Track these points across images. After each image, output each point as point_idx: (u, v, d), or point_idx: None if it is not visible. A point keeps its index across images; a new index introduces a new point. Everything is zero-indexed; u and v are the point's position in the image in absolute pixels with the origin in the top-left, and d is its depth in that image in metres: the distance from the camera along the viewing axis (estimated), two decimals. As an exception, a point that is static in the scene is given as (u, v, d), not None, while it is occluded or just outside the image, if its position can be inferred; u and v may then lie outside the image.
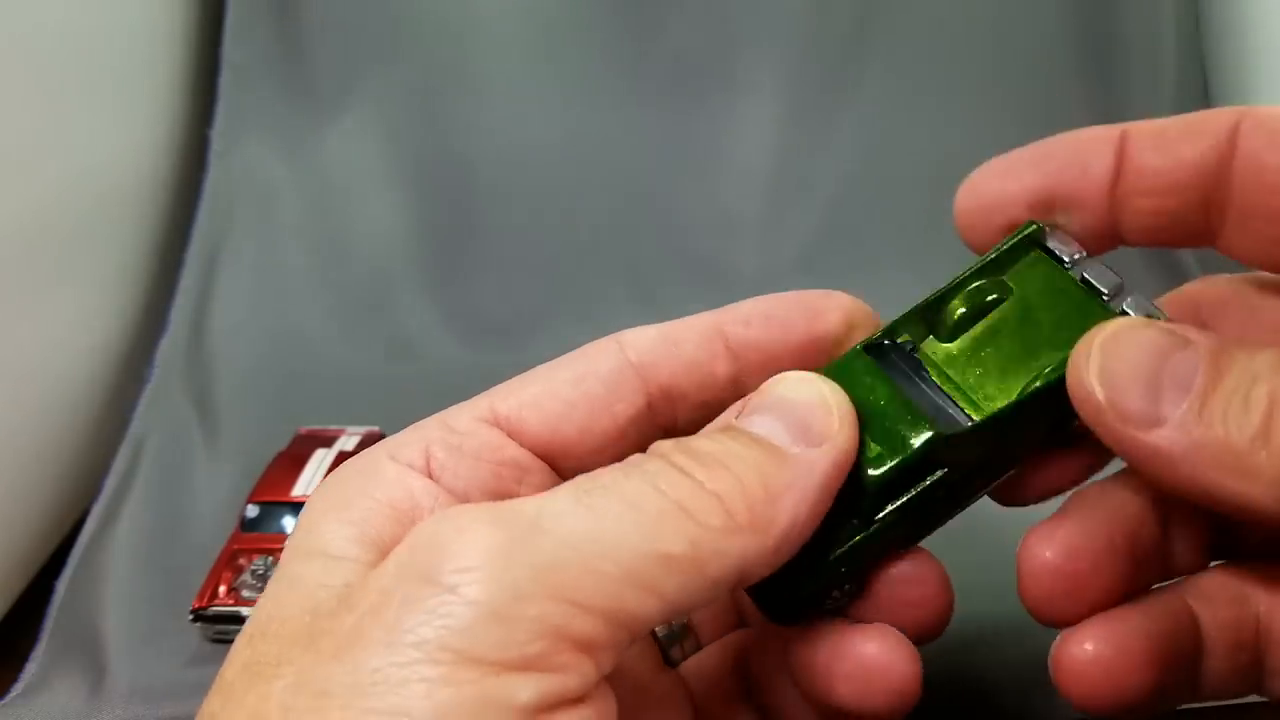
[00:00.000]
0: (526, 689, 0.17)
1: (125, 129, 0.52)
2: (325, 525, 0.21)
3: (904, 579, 0.23)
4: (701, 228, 0.60)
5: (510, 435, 0.23)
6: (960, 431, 0.22)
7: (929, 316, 0.24)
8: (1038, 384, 0.22)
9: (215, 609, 0.38)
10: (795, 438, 0.21)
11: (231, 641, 0.38)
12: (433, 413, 0.24)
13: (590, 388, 0.23)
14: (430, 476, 0.22)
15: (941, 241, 0.61)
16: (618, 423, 0.23)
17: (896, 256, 0.59)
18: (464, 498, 0.22)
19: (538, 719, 0.17)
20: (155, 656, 0.38)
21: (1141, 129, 0.23)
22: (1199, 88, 0.62)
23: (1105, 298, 0.23)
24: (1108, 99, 0.61)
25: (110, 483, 0.45)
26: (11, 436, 0.42)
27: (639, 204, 0.59)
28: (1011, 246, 0.24)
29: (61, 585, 0.40)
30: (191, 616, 0.38)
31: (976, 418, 0.22)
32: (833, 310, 0.25)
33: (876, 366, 0.23)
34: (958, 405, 0.23)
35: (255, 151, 0.57)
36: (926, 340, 0.24)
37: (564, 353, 0.25)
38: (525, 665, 0.17)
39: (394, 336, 0.56)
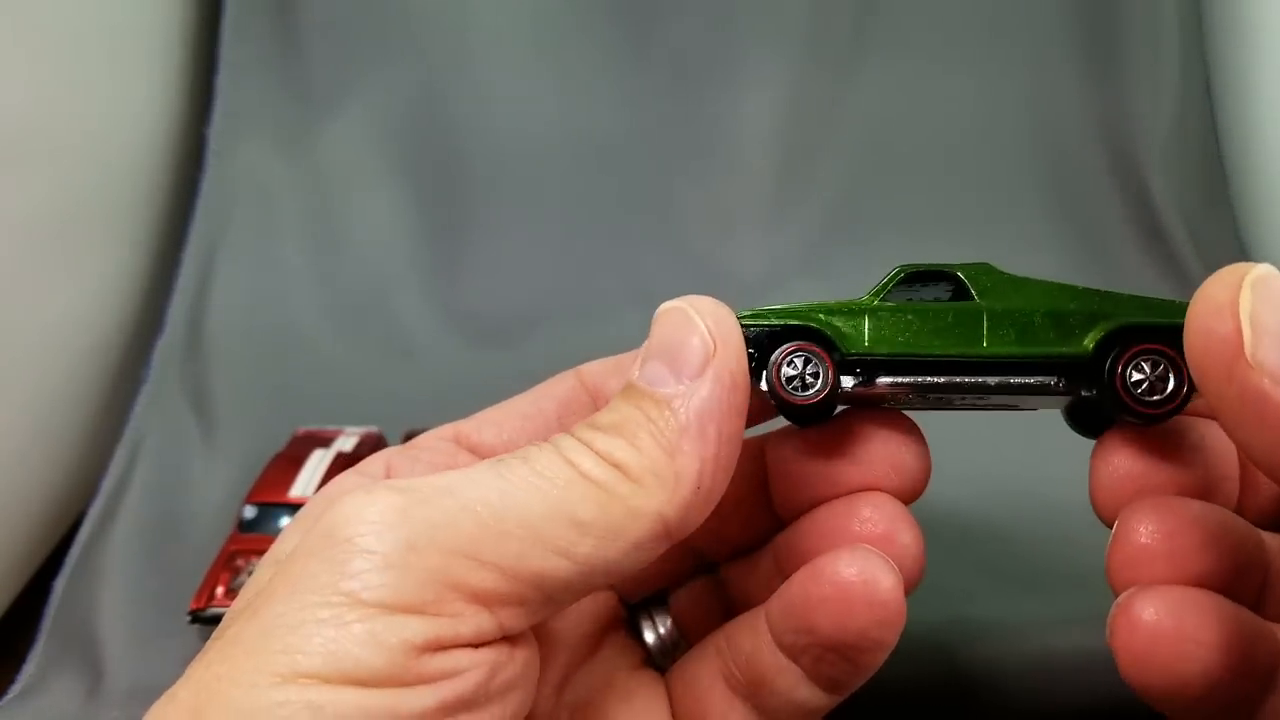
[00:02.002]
0: (415, 627, 0.18)
1: (122, 128, 0.52)
2: (289, 537, 0.22)
3: (889, 438, 0.23)
4: (702, 227, 0.60)
5: (469, 450, 0.25)
6: (994, 273, 0.22)
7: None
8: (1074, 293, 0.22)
9: (213, 610, 0.38)
10: (677, 375, 0.21)
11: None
12: (431, 413, 0.25)
13: (545, 405, 0.26)
14: None
15: (942, 241, 0.62)
16: None
17: (896, 256, 0.59)
18: None
19: (424, 655, 0.18)
20: (153, 657, 0.38)
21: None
22: (1200, 87, 0.62)
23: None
24: (1109, 99, 0.61)
25: (108, 483, 0.45)
26: (9, 437, 0.42)
27: (639, 204, 0.59)
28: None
29: (59, 585, 0.40)
30: (189, 617, 0.38)
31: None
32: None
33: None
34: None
35: (253, 151, 0.57)
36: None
37: (563, 353, 0.27)
38: (415, 609, 0.18)
39: (392, 336, 0.56)
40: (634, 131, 0.59)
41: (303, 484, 0.42)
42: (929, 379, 0.21)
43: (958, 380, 0.21)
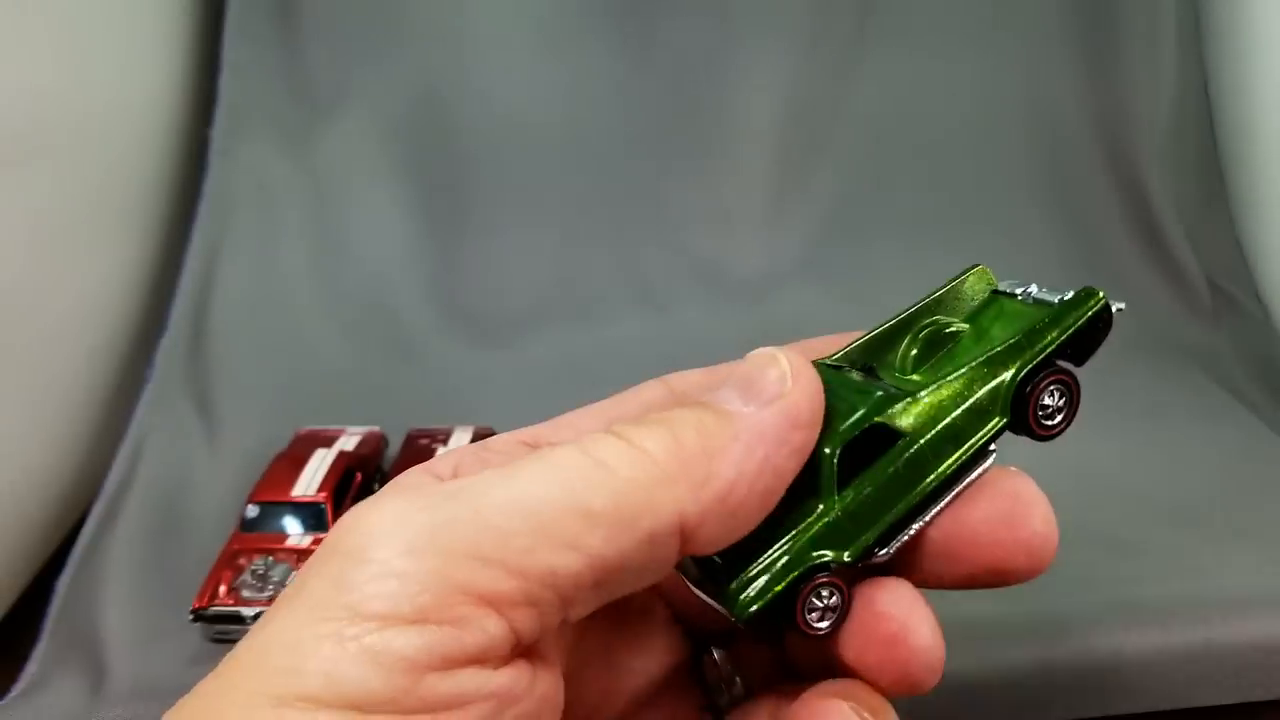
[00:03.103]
0: (414, 640, 0.17)
1: (126, 129, 0.52)
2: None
3: (878, 607, 0.21)
4: (702, 227, 0.60)
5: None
6: (910, 392, 0.22)
7: (877, 351, 0.25)
8: (991, 350, 0.23)
9: (215, 609, 0.38)
10: (746, 400, 0.20)
11: (231, 641, 0.38)
12: (432, 413, 0.25)
13: (629, 409, 0.24)
14: None
15: (941, 241, 0.62)
16: None
17: (895, 255, 0.59)
18: None
19: (428, 675, 0.17)
20: (155, 656, 0.38)
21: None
22: (1198, 85, 0.62)
23: (1056, 305, 0.24)
24: (1106, 98, 0.61)
25: (111, 482, 0.45)
26: (13, 436, 0.42)
27: (640, 204, 0.60)
28: (957, 288, 0.25)
29: (62, 585, 0.41)
30: (191, 616, 0.38)
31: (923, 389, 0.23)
32: None
33: (834, 367, 0.24)
34: (903, 391, 0.23)
35: (255, 151, 0.57)
36: (884, 370, 0.25)
37: (564, 353, 0.26)
38: (417, 618, 0.17)
39: (393, 336, 0.56)
40: (634, 131, 0.59)
41: (304, 483, 0.42)
42: (909, 529, 0.22)
43: (929, 511, 0.22)
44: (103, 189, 0.50)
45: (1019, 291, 0.25)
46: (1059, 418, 0.23)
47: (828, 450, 0.21)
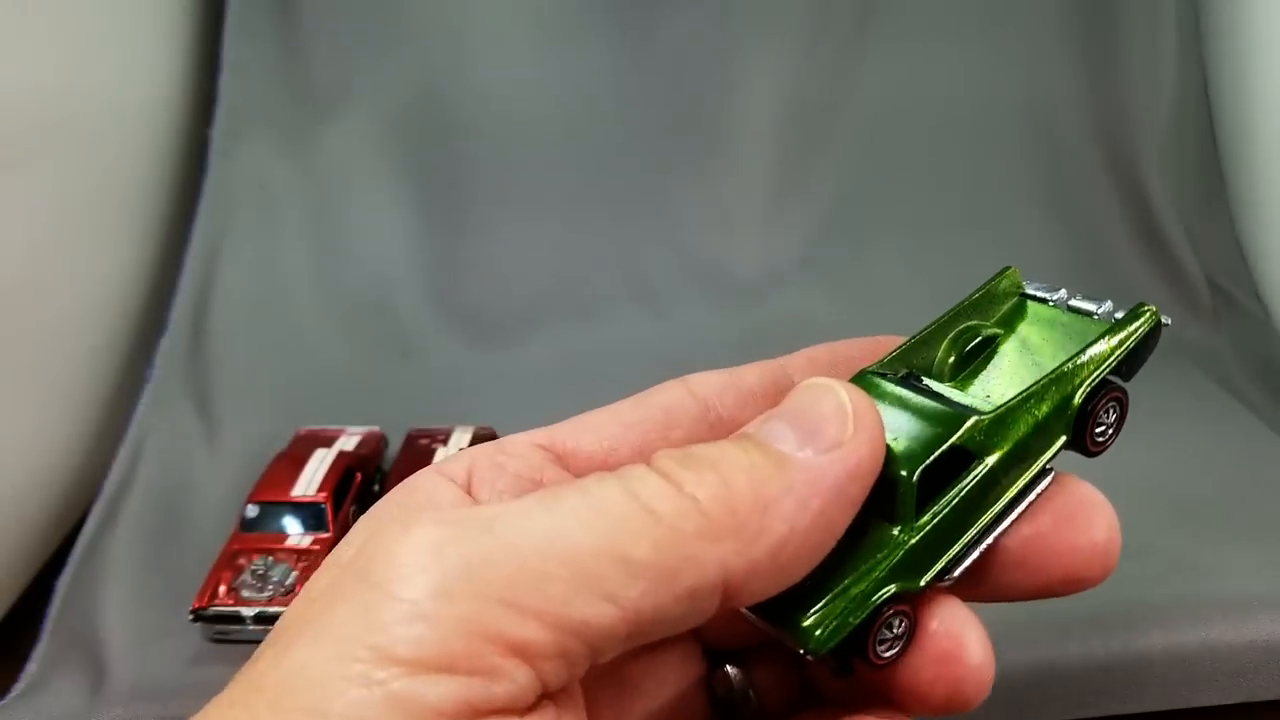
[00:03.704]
0: (443, 690, 0.16)
1: (126, 129, 0.52)
2: (350, 535, 0.21)
3: (932, 626, 0.21)
4: (702, 227, 0.60)
5: (564, 459, 0.23)
6: (991, 413, 0.22)
7: (914, 357, 0.24)
8: (1051, 368, 0.22)
9: (215, 609, 0.38)
10: (803, 442, 0.19)
11: (231, 641, 0.38)
12: (432, 413, 0.25)
13: (650, 413, 0.23)
14: (469, 492, 0.22)
15: (942, 241, 0.62)
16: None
17: (894, 255, 0.59)
18: None
19: None
20: (155, 656, 0.38)
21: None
22: (1198, 86, 0.62)
23: (1096, 316, 0.24)
24: (1107, 99, 0.61)
25: (110, 482, 0.45)
26: (12, 436, 0.42)
27: (640, 203, 0.60)
28: (990, 291, 0.25)
29: (62, 585, 0.40)
30: (191, 616, 0.38)
31: (994, 408, 0.22)
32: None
33: (888, 379, 0.23)
34: (973, 408, 0.22)
35: (256, 151, 0.57)
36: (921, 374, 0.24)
37: (564, 353, 0.25)
38: (446, 666, 0.16)
39: (394, 336, 0.56)
40: (634, 131, 0.59)
41: (304, 483, 0.42)
42: (978, 549, 0.22)
43: (996, 530, 0.22)
44: (103, 189, 0.50)
45: (1050, 297, 0.24)
46: (1111, 433, 0.23)
47: (905, 473, 0.20)
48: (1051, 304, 0.24)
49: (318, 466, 0.43)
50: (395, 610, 0.16)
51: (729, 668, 0.24)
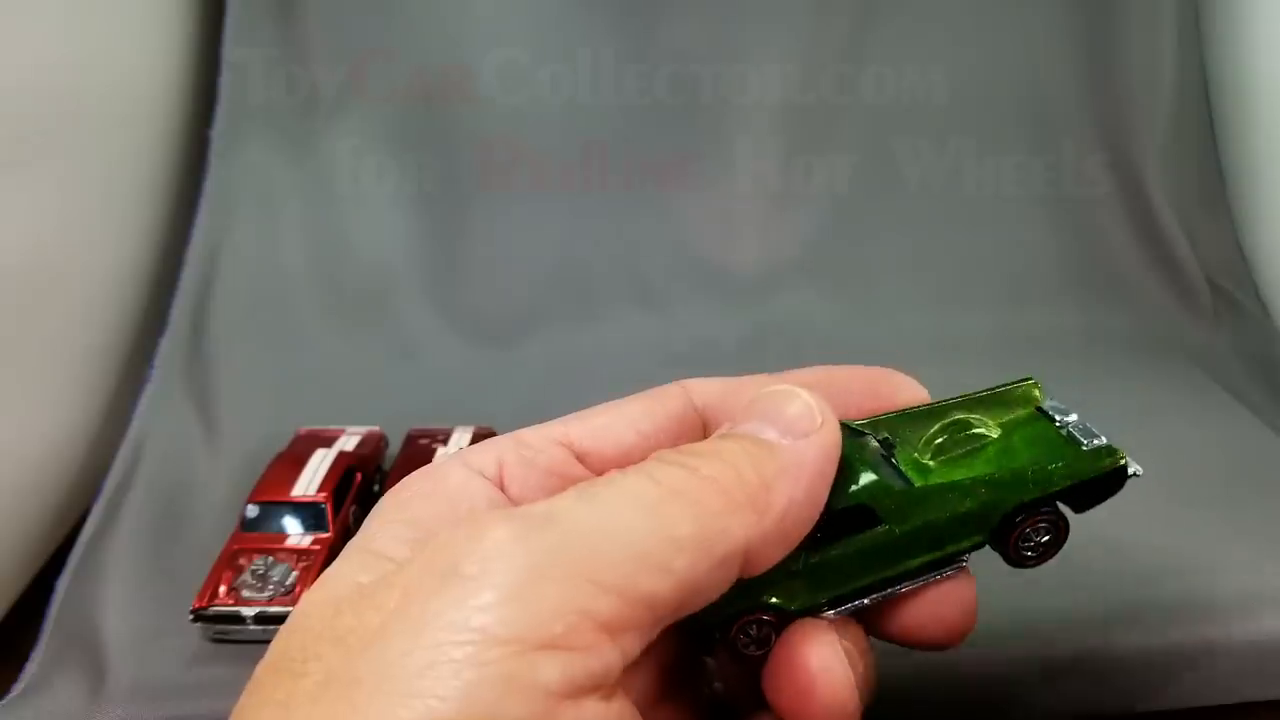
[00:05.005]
0: (551, 667, 0.17)
1: (126, 129, 0.52)
2: (379, 524, 0.22)
3: (797, 658, 0.23)
4: (702, 226, 0.60)
5: (580, 456, 0.24)
6: (900, 487, 0.23)
7: (905, 427, 0.25)
8: (992, 473, 0.24)
9: (215, 609, 0.38)
10: (782, 433, 0.22)
11: (231, 641, 0.38)
12: (432, 412, 0.25)
13: (660, 423, 0.25)
14: (500, 486, 0.23)
15: (942, 242, 0.62)
16: None
17: (894, 256, 0.59)
18: None
19: (564, 704, 0.17)
20: (155, 656, 0.38)
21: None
22: (1198, 87, 0.62)
23: (1084, 446, 0.24)
24: (1107, 100, 0.61)
25: (111, 482, 0.45)
26: (13, 436, 0.42)
27: (640, 203, 0.60)
28: (1006, 394, 0.26)
29: (62, 585, 0.40)
30: (191, 616, 0.38)
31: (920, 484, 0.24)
32: (894, 390, 0.26)
33: (856, 432, 0.24)
34: (909, 480, 0.24)
35: (256, 151, 0.57)
36: (903, 446, 0.25)
37: (564, 353, 0.26)
38: (549, 644, 0.17)
39: (394, 336, 0.56)
40: (634, 131, 0.59)
41: (304, 483, 0.42)
42: (861, 601, 0.24)
43: (885, 591, 0.24)
44: (103, 189, 0.50)
45: (1059, 419, 0.25)
46: (1038, 554, 0.24)
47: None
48: (1056, 425, 0.25)
49: (318, 466, 0.43)
50: (492, 597, 0.17)
51: (706, 659, 0.26)
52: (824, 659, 0.23)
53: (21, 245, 0.43)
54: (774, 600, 0.23)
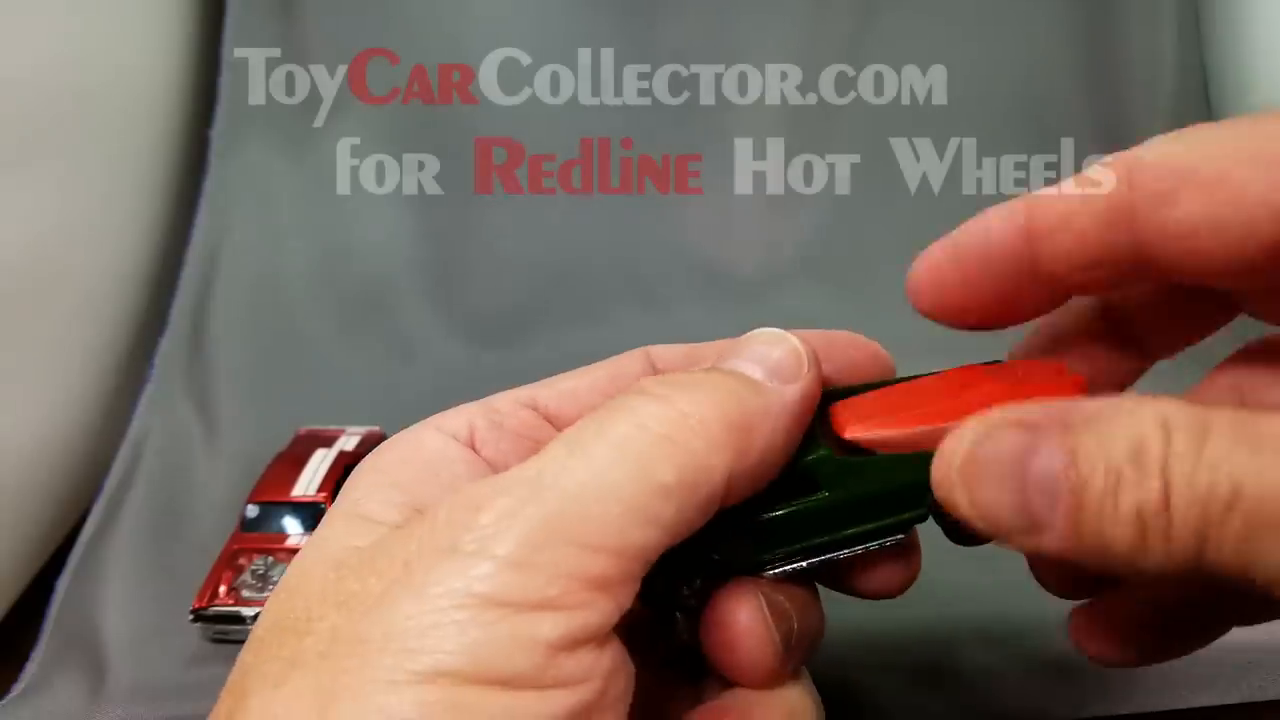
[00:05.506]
0: (550, 624, 0.18)
1: (126, 129, 0.52)
2: (363, 490, 0.22)
3: (721, 615, 0.23)
4: (702, 226, 0.60)
5: (548, 419, 0.25)
6: (843, 457, 0.23)
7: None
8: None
9: (215, 609, 0.38)
10: (769, 376, 0.22)
11: (231, 641, 0.38)
12: (432, 413, 0.25)
13: (624, 386, 0.25)
14: (473, 448, 0.24)
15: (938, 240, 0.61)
16: None
17: (894, 256, 0.59)
18: (502, 469, 0.23)
19: (561, 655, 0.18)
20: (155, 656, 0.38)
21: (1044, 208, 0.24)
22: (1198, 89, 0.62)
23: None
24: (1106, 101, 0.61)
25: (110, 483, 0.45)
26: (12, 436, 0.42)
27: (640, 203, 0.60)
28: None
29: (62, 585, 0.41)
30: (191, 616, 0.38)
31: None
32: (859, 358, 0.26)
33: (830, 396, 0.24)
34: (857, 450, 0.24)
35: (256, 151, 0.57)
36: None
37: (564, 353, 0.26)
38: (547, 605, 0.18)
39: (394, 336, 0.56)
40: (634, 130, 0.59)
41: (305, 483, 0.42)
42: (799, 564, 0.24)
43: (823, 557, 0.24)
44: (103, 189, 0.50)
45: None
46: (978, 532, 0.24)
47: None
48: None
49: (318, 466, 0.43)
50: (490, 568, 0.18)
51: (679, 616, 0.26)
52: (750, 619, 0.23)
53: (21, 244, 0.43)
54: (716, 556, 0.23)
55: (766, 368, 0.22)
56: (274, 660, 0.19)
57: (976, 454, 0.20)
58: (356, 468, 0.24)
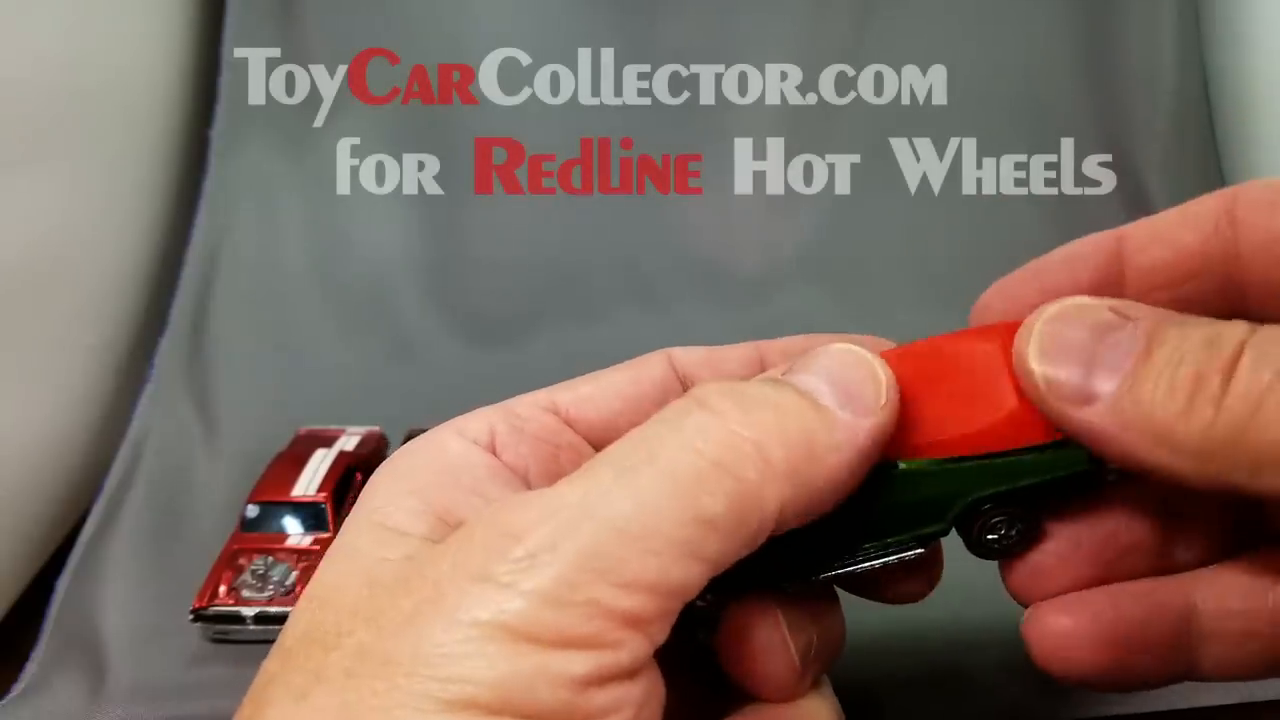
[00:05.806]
0: (581, 662, 0.18)
1: (126, 129, 0.52)
2: (386, 497, 0.22)
3: (738, 629, 0.23)
4: (702, 226, 0.60)
5: (568, 423, 0.25)
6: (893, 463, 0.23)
7: None
8: (959, 460, 0.23)
9: (215, 609, 0.38)
10: (842, 403, 0.21)
11: (231, 641, 0.38)
12: (432, 413, 0.25)
13: (644, 389, 0.25)
14: (494, 453, 0.23)
15: (941, 243, 0.62)
16: None
17: (894, 256, 0.59)
18: (523, 474, 0.23)
19: (589, 690, 0.18)
20: (155, 656, 0.38)
21: (1137, 227, 0.23)
22: (1198, 90, 0.62)
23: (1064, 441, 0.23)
24: (1106, 103, 0.61)
25: (110, 483, 0.45)
26: (12, 435, 0.42)
27: (641, 203, 0.60)
28: None
29: (62, 585, 0.41)
30: (191, 616, 0.38)
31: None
32: None
33: None
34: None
35: (256, 151, 0.57)
36: None
37: (564, 353, 0.26)
38: (580, 643, 0.18)
39: (394, 336, 0.56)
40: (634, 129, 0.59)
41: (304, 483, 0.42)
42: (817, 577, 0.23)
43: (843, 570, 0.23)
44: (102, 189, 0.50)
45: None
46: (1005, 546, 0.23)
47: None
48: None
49: (318, 466, 0.43)
50: (523, 604, 0.18)
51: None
52: (767, 636, 0.22)
53: (21, 244, 0.43)
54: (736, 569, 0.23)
55: (840, 392, 0.21)
56: (299, 672, 0.19)
57: (1063, 314, 0.20)
58: (376, 470, 0.23)
